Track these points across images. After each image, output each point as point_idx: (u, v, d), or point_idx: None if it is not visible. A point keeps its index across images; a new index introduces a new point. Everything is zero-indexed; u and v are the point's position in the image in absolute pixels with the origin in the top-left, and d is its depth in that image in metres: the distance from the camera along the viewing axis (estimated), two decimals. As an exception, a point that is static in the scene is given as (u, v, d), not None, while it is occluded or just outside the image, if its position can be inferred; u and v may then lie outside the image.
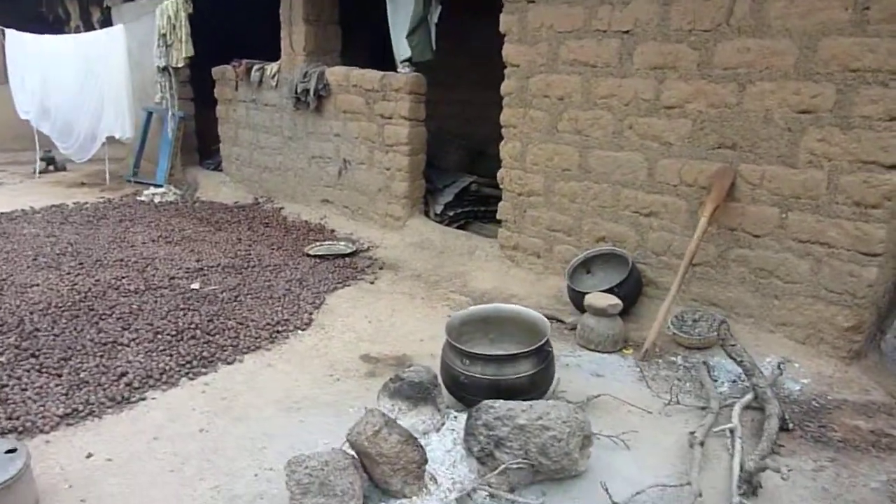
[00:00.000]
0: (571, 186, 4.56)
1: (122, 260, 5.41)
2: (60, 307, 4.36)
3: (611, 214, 4.39)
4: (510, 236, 5.04)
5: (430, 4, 5.54)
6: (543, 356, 2.92)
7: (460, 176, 6.34)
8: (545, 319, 3.12)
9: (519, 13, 4.64)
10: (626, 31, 4.11)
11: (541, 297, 4.64)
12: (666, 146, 4.04)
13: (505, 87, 4.85)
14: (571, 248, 4.64)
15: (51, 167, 9.74)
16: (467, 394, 2.89)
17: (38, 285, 4.80)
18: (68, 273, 5.07)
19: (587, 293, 3.99)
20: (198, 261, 5.42)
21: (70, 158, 9.10)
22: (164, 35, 7.46)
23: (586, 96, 4.37)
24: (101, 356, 3.65)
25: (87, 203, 7.61)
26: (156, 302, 4.48)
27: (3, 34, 9.10)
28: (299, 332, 4.11)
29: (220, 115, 8.03)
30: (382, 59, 7.01)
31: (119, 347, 3.76)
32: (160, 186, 8.16)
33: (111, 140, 8.58)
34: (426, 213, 6.04)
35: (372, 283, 5.04)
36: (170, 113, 8.03)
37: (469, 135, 7.75)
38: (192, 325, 4.06)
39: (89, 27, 11.12)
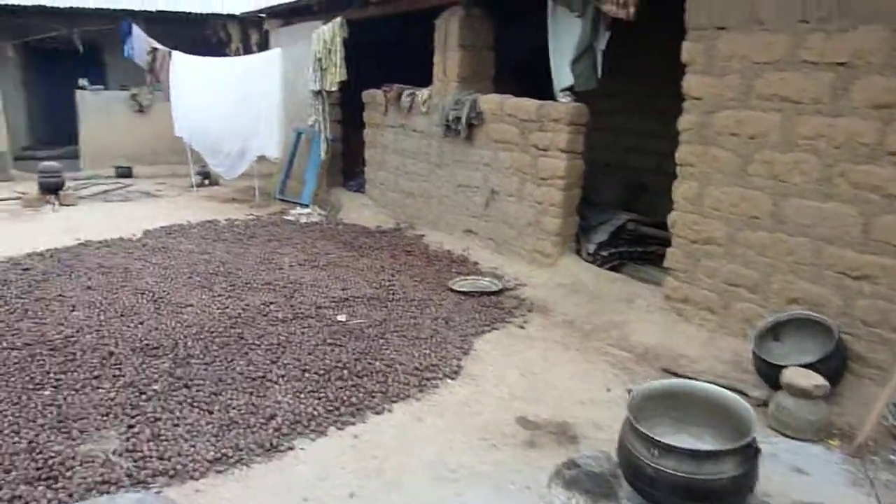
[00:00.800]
0: (760, 237, 4.00)
1: (269, 283, 5.42)
2: (212, 332, 4.36)
3: (809, 273, 3.79)
4: (679, 287, 4.53)
5: (598, 31, 5.16)
6: (751, 454, 2.44)
7: (616, 213, 5.87)
8: (749, 408, 2.63)
9: (706, 41, 4.16)
10: (843, 63, 3.53)
11: (715, 360, 4.09)
12: (889, 199, 3.41)
13: (683, 122, 4.37)
14: (755, 308, 4.06)
15: (206, 181, 10.25)
16: (655, 490, 2.46)
17: (191, 305, 4.87)
18: (220, 294, 5.12)
19: (781, 365, 3.43)
20: (343, 289, 5.32)
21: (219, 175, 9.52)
22: (320, 59, 7.58)
23: (785, 136, 3.81)
24: (251, 393, 3.54)
25: (237, 220, 7.85)
26: (303, 333, 4.38)
27: (170, 55, 9.71)
28: (448, 380, 3.83)
29: (368, 139, 8.05)
30: (518, 82, 6.75)
31: (268, 384, 3.65)
32: (306, 206, 8.29)
33: (260, 158, 8.86)
34: (577, 252, 5.63)
35: (521, 327, 4.70)
36: (321, 136, 8.15)
37: (623, 166, 7.27)
38: (340, 364, 3.90)
39: (248, 49, 11.71)
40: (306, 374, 3.77)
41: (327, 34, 7.47)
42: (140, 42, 10.22)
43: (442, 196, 6.83)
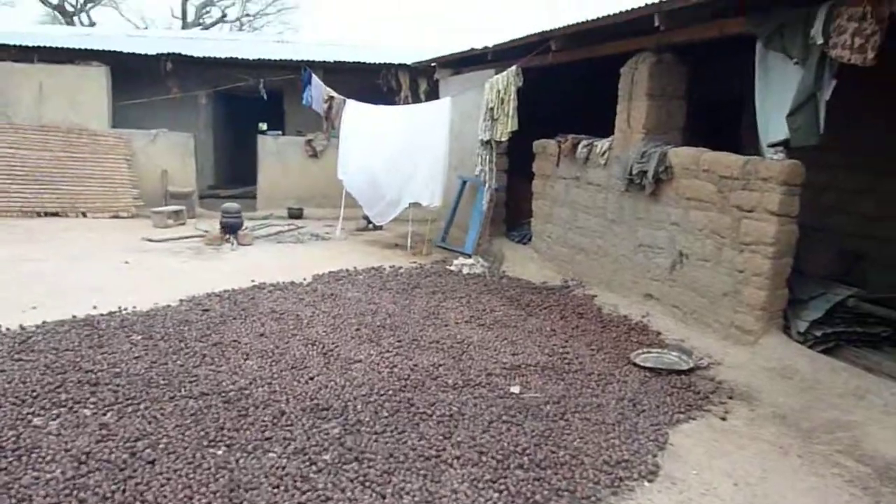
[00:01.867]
0: None
1: (437, 342, 5.16)
2: (381, 395, 4.13)
3: None
4: (934, 389, 3.69)
5: (822, 79, 4.49)
6: None
7: (833, 286, 5.05)
8: None
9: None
10: None
11: None
12: None
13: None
14: None
15: (370, 225, 10.40)
16: None
17: (360, 362, 4.70)
18: (388, 351, 4.93)
19: None
20: (513, 354, 4.94)
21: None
22: (492, 109, 7.41)
23: None
24: (425, 475, 3.21)
25: (401, 268, 7.77)
26: (475, 405, 4.02)
27: (345, 103, 10.03)
28: (645, 483, 3.29)
29: (536, 190, 7.72)
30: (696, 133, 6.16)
31: (443, 467, 3.31)
32: (468, 256, 8.08)
33: (414, 205, 8.78)
34: (785, 330, 4.86)
35: (723, 418, 4.04)
36: (486, 185, 7.95)
37: (827, 228, 6.36)
38: (519, 449, 3.48)
39: (416, 97, 11.93)
40: (483, 458, 3.39)
41: (501, 83, 7.29)
42: (318, 90, 10.70)
43: (618, 255, 6.30)
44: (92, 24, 26.35)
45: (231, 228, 8.75)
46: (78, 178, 10.46)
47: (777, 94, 4.82)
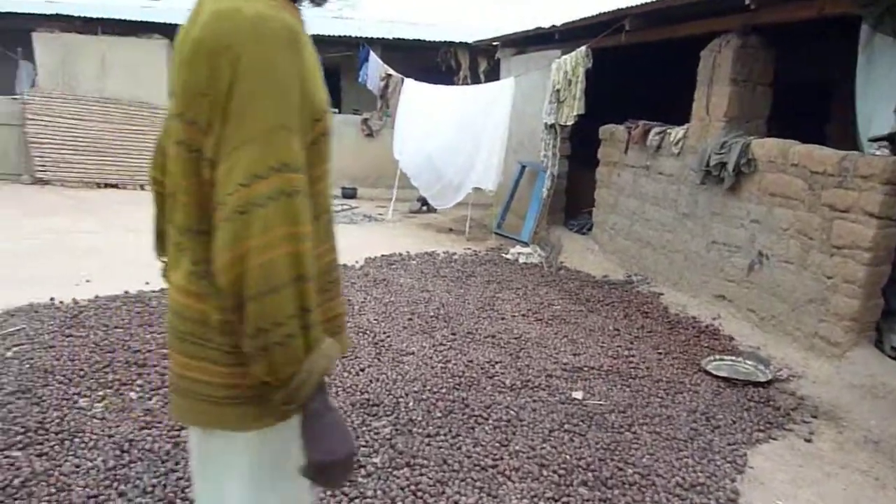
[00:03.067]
0: None
1: (493, 336, 4.90)
2: (434, 392, 3.91)
3: None
4: None
5: (939, 66, 4.01)
6: None
7: (932, 298, 4.57)
8: None
9: None
10: None
11: None
12: None
13: None
14: None
15: (424, 208, 10.18)
16: None
17: (412, 354, 4.49)
18: (441, 344, 4.70)
19: None
20: (574, 354, 4.65)
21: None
22: (558, 91, 7.04)
23: None
24: (481, 488, 2.97)
25: (455, 254, 7.53)
26: (535, 410, 3.76)
27: (402, 81, 9.79)
28: (724, 511, 2.98)
29: (601, 178, 7.34)
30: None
31: (500, 479, 3.06)
32: (525, 245, 7.77)
33: (475, 190, 8.51)
34: (877, 344, 4.43)
35: (808, 440, 3.67)
36: (548, 171, 7.60)
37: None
38: (583, 464, 3.21)
39: (475, 77, 11.58)
40: (544, 472, 3.13)
41: (568, 64, 6.90)
42: (375, 68, 10.49)
43: (689, 251, 5.90)
44: (156, -1, 26.70)
45: (284, 207, 8.62)
46: (137, 151, 10.53)
47: (884, 84, 4.35)
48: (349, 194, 11.15)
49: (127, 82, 10.71)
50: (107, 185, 10.43)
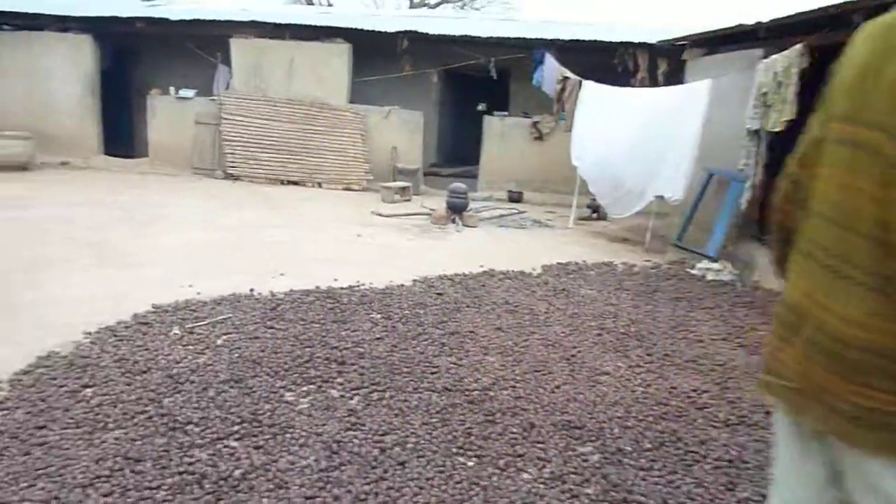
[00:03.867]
0: None
1: (693, 361, 4.48)
2: (640, 420, 3.59)
3: None
4: None
5: None
6: None
7: None
8: None
9: None
10: None
11: None
12: None
13: None
14: None
15: (594, 215, 9.80)
16: None
17: (608, 374, 4.19)
18: (637, 365, 4.36)
19: None
20: (792, 389, 4.11)
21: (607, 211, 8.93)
22: (765, 94, 6.40)
23: None
24: (714, 540, 2.64)
25: (634, 266, 7.11)
26: (759, 452, 3.32)
27: (580, 84, 9.46)
28: None
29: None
30: None
31: (735, 531, 2.71)
32: (713, 260, 7.18)
33: (658, 198, 8.01)
34: None
35: None
36: (748, 181, 6.96)
37: None
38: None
39: (653, 79, 10.99)
40: (787, 529, 2.72)
41: (780, 65, 6.25)
42: (551, 70, 10.25)
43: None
44: (329, 5, 28.25)
45: (457, 209, 8.64)
46: (318, 150, 11.05)
47: None
48: (515, 198, 11.00)
49: (310, 84, 11.28)
50: (289, 182, 11.03)
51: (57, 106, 11.77)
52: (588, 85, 9.06)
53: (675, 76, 10.78)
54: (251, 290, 5.38)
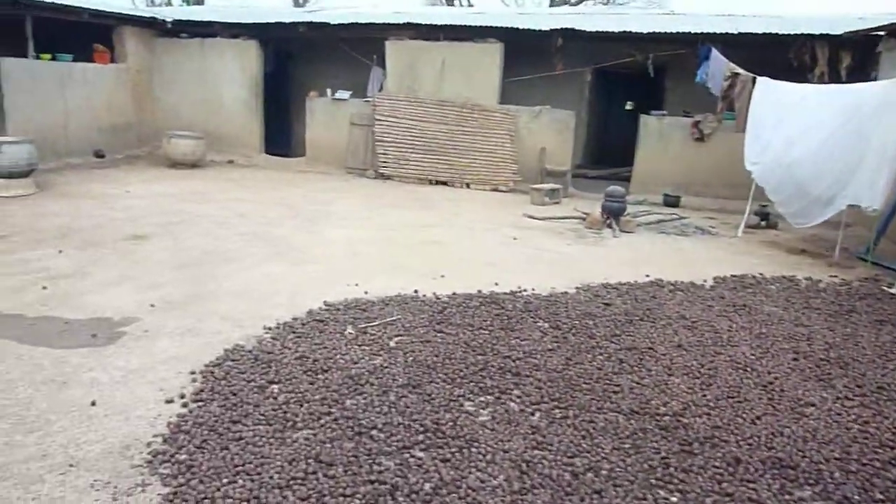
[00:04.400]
0: None
1: (916, 398, 3.90)
2: (863, 464, 3.14)
3: None
4: None
5: None
6: None
7: None
8: None
9: None
10: None
11: None
12: None
13: None
14: None
15: (762, 223, 9.02)
16: None
17: (813, 406, 3.74)
18: (846, 398, 3.86)
19: None
20: None
21: (786, 219, 8.14)
22: None
23: None
24: None
25: (820, 281, 6.40)
26: None
27: (753, 81, 8.73)
28: None
29: None
30: None
31: None
32: (916, 279, 6.32)
33: (849, 207, 7.18)
34: None
35: None
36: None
37: None
38: None
39: (834, 75, 9.96)
40: None
41: None
42: (718, 66, 9.57)
43: None
44: (470, 5, 28.32)
45: (613, 213, 8.25)
46: (466, 150, 11.02)
47: None
48: (671, 202, 10.37)
49: (461, 84, 11.26)
50: (437, 182, 11.09)
51: (225, 108, 12.57)
52: (763, 82, 8.33)
53: (862, 71, 9.72)
54: (415, 291, 5.35)
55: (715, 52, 9.67)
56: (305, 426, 3.21)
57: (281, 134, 13.70)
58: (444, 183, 11.08)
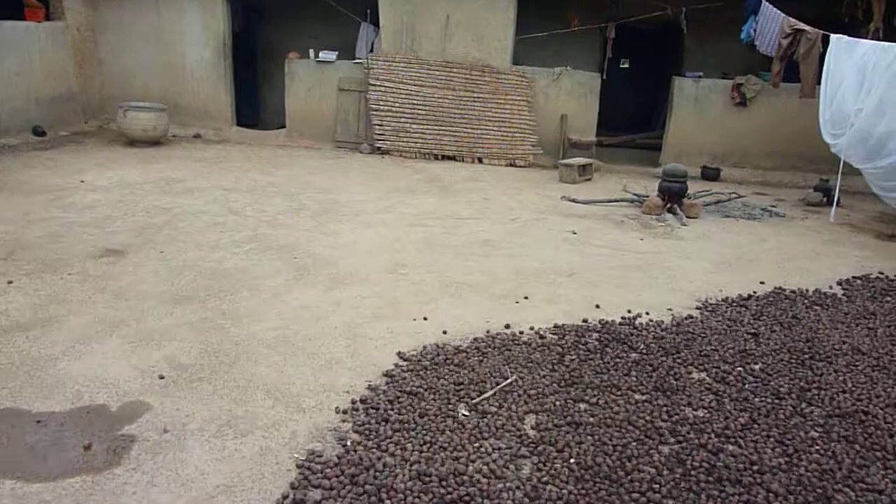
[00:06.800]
0: None
1: None
2: None
3: None
4: None
5: None
6: None
7: None
8: None
9: None
10: None
11: None
12: None
13: None
14: None
15: (824, 199, 8.00)
16: None
17: None
18: None
19: None
20: None
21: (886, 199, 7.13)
22: None
23: None
24: None
25: (952, 281, 5.39)
26: None
27: (822, 38, 7.60)
28: None
29: None
30: None
31: None
32: None
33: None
34: None
35: None
36: None
37: None
38: None
39: (890, 31, 8.91)
40: None
41: None
42: (772, 22, 8.36)
43: None
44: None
45: (674, 195, 7.06)
46: (477, 120, 9.62)
47: None
48: (711, 175, 9.26)
49: (469, 43, 9.78)
50: (443, 157, 9.68)
51: (187, 72, 10.74)
52: (840, 40, 7.18)
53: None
54: (506, 326, 4.06)
55: (766, 5, 8.45)
56: None
57: (249, 102, 11.96)
58: (452, 158, 9.67)
